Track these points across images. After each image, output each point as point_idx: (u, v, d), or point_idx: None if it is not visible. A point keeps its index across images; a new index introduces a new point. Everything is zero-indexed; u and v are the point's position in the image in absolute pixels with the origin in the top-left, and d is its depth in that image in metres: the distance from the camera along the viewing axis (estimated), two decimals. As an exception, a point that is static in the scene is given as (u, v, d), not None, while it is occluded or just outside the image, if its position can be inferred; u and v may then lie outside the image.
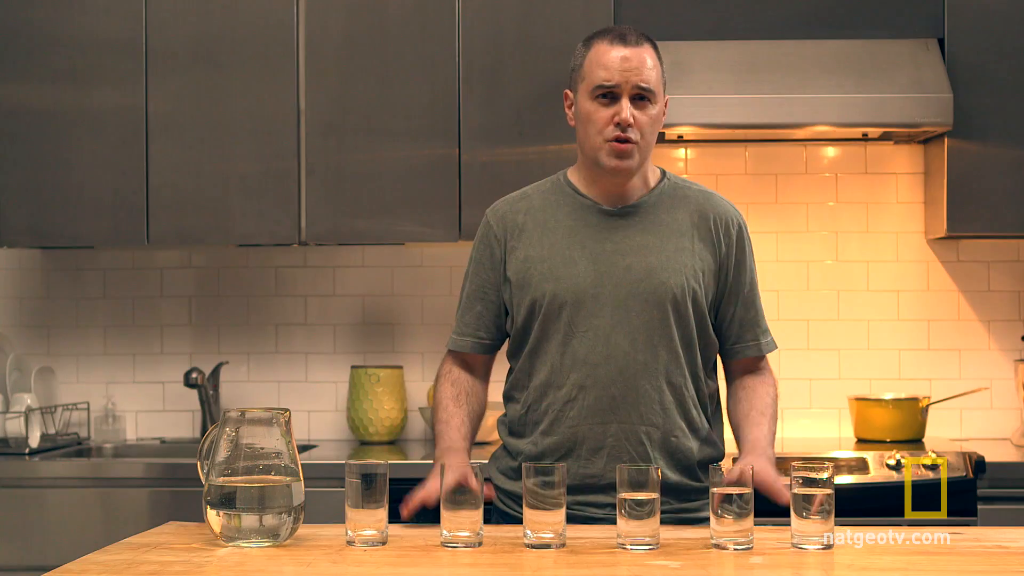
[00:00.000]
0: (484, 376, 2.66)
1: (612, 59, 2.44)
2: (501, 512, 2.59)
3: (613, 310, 2.46)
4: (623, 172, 2.47)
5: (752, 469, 2.22)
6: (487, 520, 2.24)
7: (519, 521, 2.44)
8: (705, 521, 2.48)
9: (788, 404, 4.11)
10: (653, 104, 2.46)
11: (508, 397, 2.60)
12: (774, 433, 2.53)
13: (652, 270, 2.47)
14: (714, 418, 2.58)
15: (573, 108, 2.52)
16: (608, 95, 2.44)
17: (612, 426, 2.45)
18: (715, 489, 2.13)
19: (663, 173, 2.58)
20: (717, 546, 2.13)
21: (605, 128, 2.44)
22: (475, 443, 3.94)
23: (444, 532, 2.17)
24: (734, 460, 3.48)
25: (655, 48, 2.49)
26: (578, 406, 2.46)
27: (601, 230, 2.50)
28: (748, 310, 2.56)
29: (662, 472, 2.39)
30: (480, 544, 2.16)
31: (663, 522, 2.20)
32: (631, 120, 2.43)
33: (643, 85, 2.43)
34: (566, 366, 2.47)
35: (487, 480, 2.42)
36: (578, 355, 2.46)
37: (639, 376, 2.45)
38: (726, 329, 2.56)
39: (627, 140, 2.44)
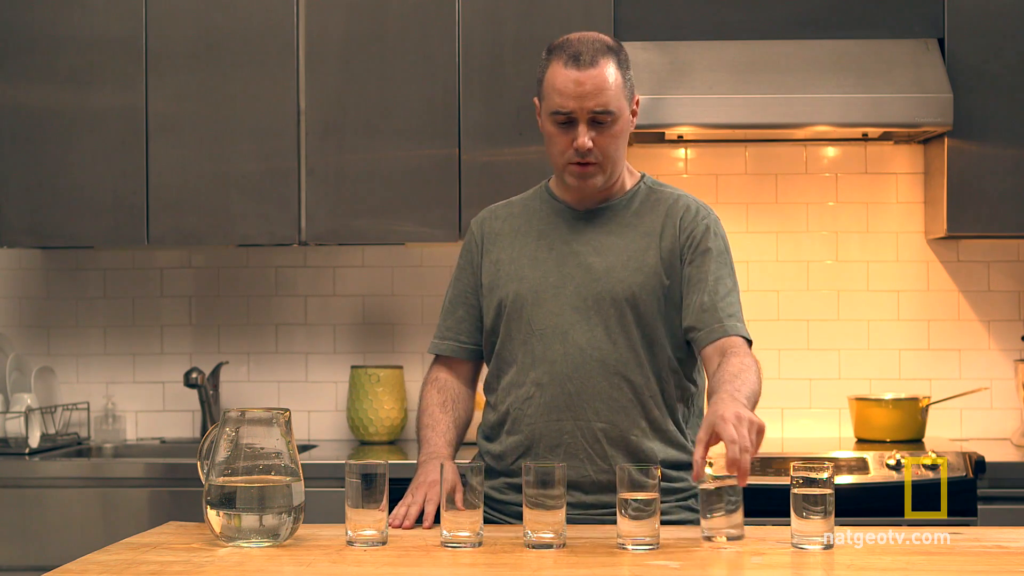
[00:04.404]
0: (470, 383, 2.66)
1: (566, 84, 2.41)
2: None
3: (573, 309, 2.46)
4: (587, 189, 2.49)
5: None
6: None
7: (492, 523, 2.46)
8: (674, 523, 2.48)
9: (788, 404, 4.11)
10: (615, 122, 2.43)
11: (485, 402, 2.63)
12: (752, 387, 2.32)
13: (612, 269, 2.47)
14: (688, 422, 2.53)
15: (540, 118, 2.52)
16: (565, 121, 2.43)
17: (568, 423, 2.45)
18: (702, 486, 2.13)
19: (641, 176, 2.58)
20: (708, 538, 2.13)
21: (565, 151, 2.45)
22: (464, 444, 3.91)
23: (444, 532, 2.17)
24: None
25: (616, 58, 2.43)
26: (535, 404, 2.46)
27: (569, 231, 2.52)
28: (712, 298, 2.44)
29: None
30: (480, 544, 2.16)
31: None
32: (588, 145, 2.42)
33: (598, 110, 2.41)
34: (527, 364, 2.48)
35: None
36: (537, 353, 2.47)
37: (595, 373, 2.44)
38: (688, 318, 2.46)
39: (587, 163, 2.44)
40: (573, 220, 2.53)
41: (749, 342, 2.47)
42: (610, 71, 2.41)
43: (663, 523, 2.45)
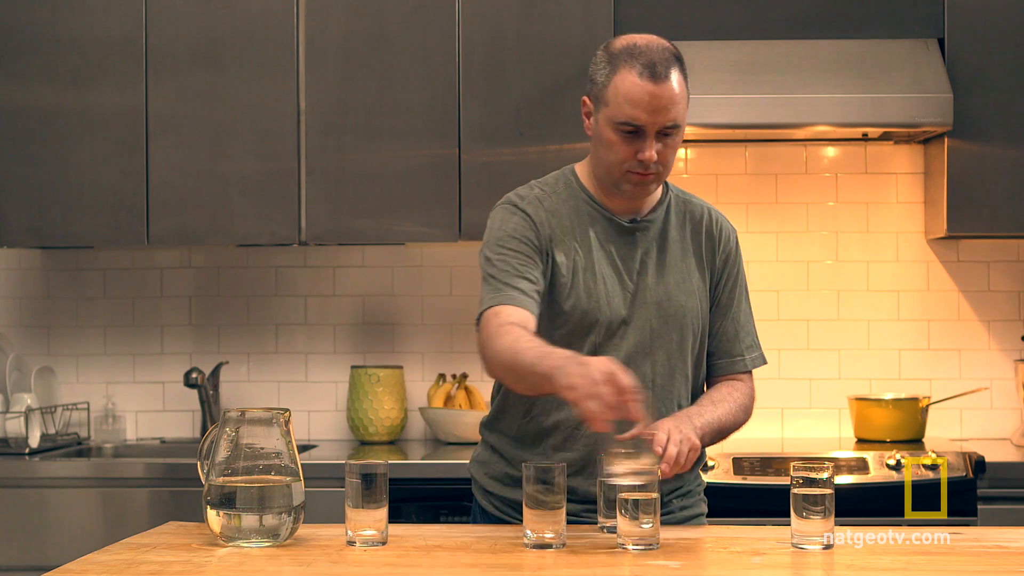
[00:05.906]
0: None
1: (640, 97, 2.31)
2: (497, 520, 2.53)
3: (638, 332, 2.43)
4: (642, 197, 2.45)
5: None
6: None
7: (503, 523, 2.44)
8: (695, 517, 2.51)
9: (788, 404, 4.11)
10: (678, 133, 2.38)
11: (508, 402, 2.51)
12: (720, 419, 2.41)
13: (671, 293, 2.45)
14: None
15: (592, 119, 2.42)
16: (632, 131, 2.34)
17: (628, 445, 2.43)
18: (623, 494, 2.12)
19: (666, 185, 2.54)
20: (621, 546, 2.13)
21: (626, 161, 2.37)
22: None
23: (528, 532, 2.13)
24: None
25: (681, 68, 2.38)
26: None
27: (623, 246, 2.45)
28: (735, 325, 2.53)
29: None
30: (564, 545, 2.13)
31: (668, 522, 2.20)
32: (655, 158, 2.35)
33: (669, 124, 2.34)
34: None
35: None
36: None
37: (657, 398, 2.43)
38: (712, 344, 2.53)
39: (648, 173, 2.38)
40: (624, 232, 2.46)
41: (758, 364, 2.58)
42: (679, 83, 2.36)
43: (686, 518, 2.46)
